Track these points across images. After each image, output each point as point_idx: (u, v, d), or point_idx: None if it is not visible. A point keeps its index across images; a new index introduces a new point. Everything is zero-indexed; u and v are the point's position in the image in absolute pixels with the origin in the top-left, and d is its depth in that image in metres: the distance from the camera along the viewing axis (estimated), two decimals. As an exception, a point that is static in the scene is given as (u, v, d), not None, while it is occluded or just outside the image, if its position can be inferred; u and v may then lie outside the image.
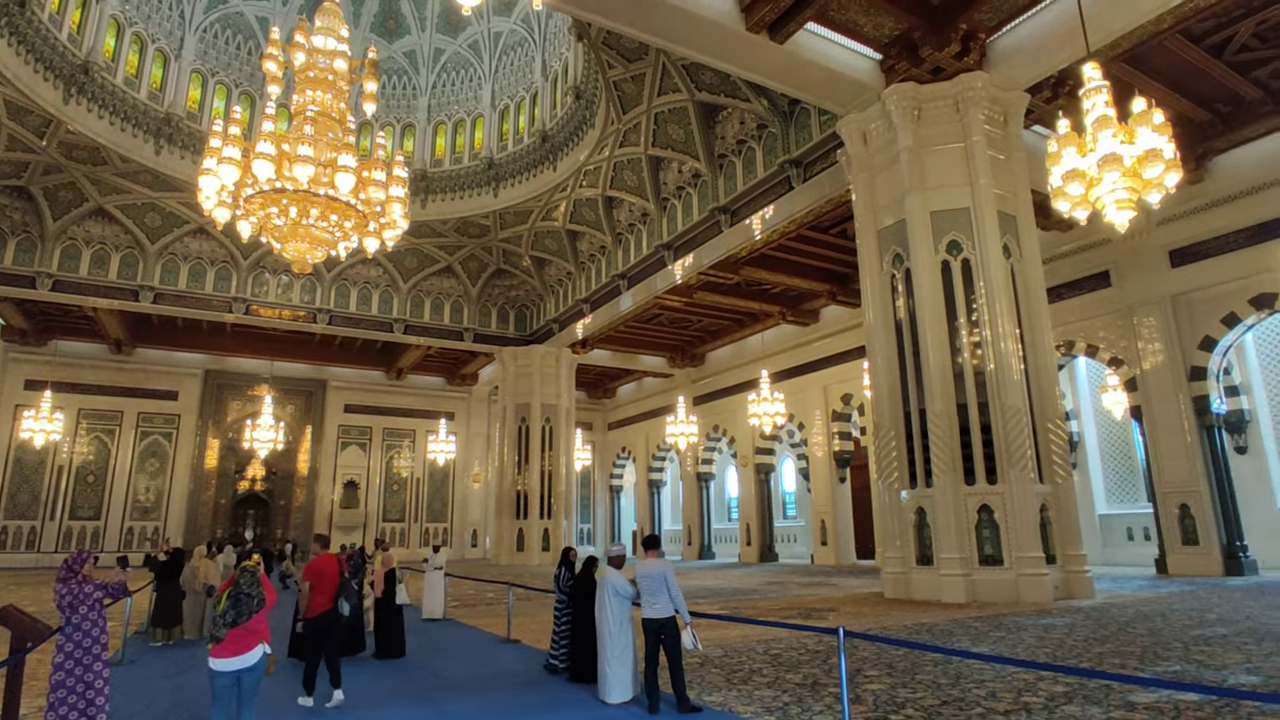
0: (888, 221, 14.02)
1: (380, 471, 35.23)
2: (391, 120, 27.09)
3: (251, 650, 4.58)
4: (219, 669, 4.50)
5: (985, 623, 9.51)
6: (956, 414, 12.56)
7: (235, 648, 4.54)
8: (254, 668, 4.59)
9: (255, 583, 4.71)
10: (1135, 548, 19.50)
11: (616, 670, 6.16)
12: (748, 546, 28.43)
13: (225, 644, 4.54)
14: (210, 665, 4.53)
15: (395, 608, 9.29)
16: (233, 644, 4.54)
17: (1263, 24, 13.53)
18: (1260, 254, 15.69)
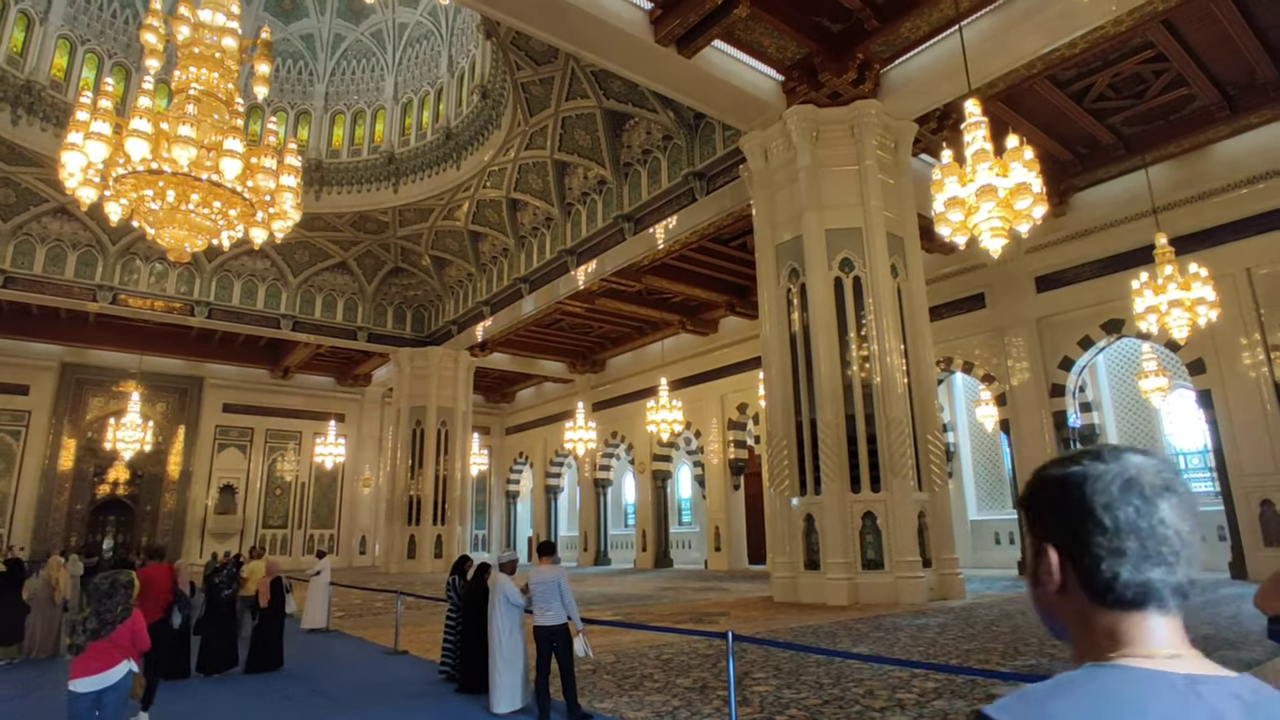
0: (785, 237, 14.51)
1: (262, 475, 33.27)
2: (285, 106, 25.78)
3: (115, 667, 4.13)
4: (77, 690, 4.03)
5: (866, 624, 9.97)
6: (845, 424, 13.12)
7: (96, 664, 4.07)
8: (116, 687, 4.12)
9: (119, 590, 4.29)
10: (1002, 551, 20.94)
11: (506, 679, 6.07)
12: (643, 552, 28.64)
13: (85, 659, 4.09)
14: (69, 686, 4.06)
15: (276, 618, 8.80)
16: (93, 660, 4.08)
17: (1117, 76, 14.93)
18: (1111, 283, 17.22)
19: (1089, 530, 0.81)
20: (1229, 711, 0.72)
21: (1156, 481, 0.82)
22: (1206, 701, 0.72)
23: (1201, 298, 13.24)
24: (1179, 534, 0.80)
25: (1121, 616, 0.81)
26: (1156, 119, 16.23)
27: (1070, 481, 0.84)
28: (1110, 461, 0.84)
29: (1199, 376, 16.26)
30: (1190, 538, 0.81)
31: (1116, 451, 0.86)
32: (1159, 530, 0.80)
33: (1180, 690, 0.74)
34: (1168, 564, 0.80)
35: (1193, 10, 12.71)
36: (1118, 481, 0.82)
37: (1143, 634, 0.80)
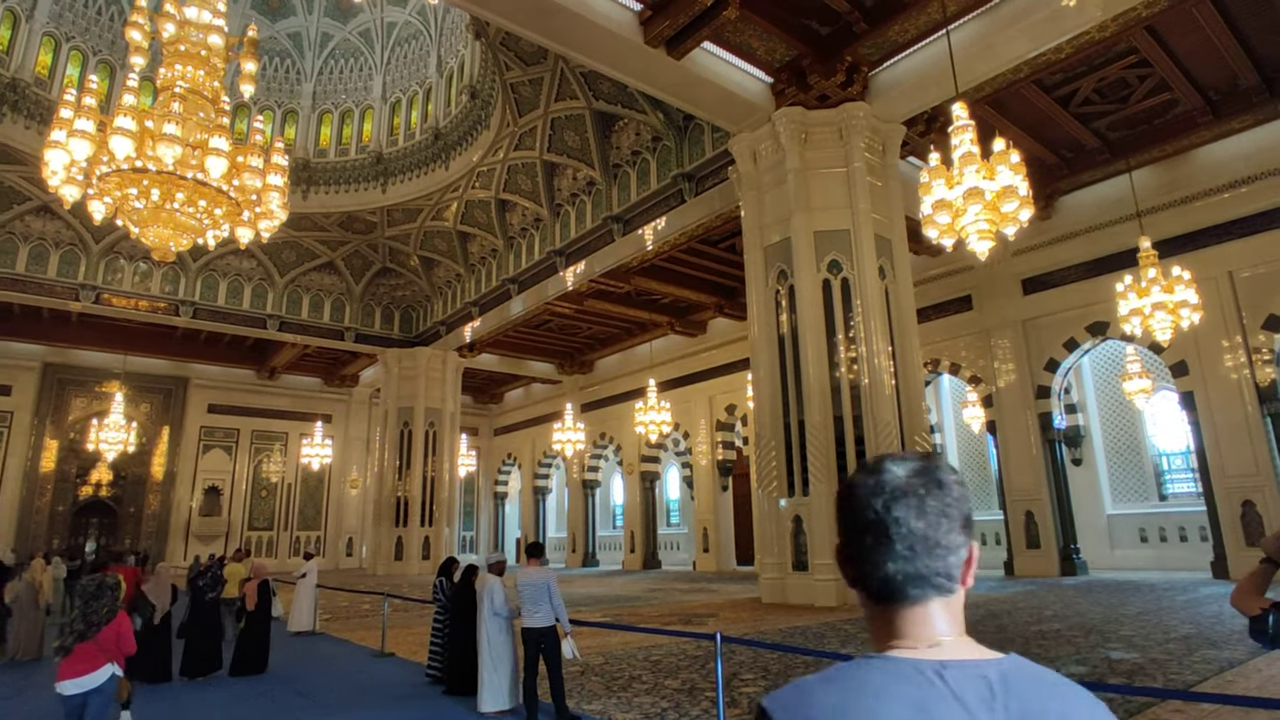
0: (774, 239, 14.55)
1: (247, 476, 33.01)
2: (272, 104, 25.62)
3: (98, 670, 4.15)
4: (63, 691, 4.10)
5: (854, 624, 10.00)
6: (833, 426, 13.17)
7: (82, 666, 4.12)
8: (101, 689, 4.14)
9: (106, 592, 4.30)
10: (988, 552, 21.05)
11: (493, 679, 6.05)
12: (631, 554, 28.63)
13: (71, 661, 4.13)
14: (56, 688, 4.14)
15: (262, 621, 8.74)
16: (79, 662, 4.12)
17: (1102, 81, 15.07)
18: (1096, 286, 17.38)
19: (852, 534, 0.93)
20: (970, 693, 0.82)
21: (900, 486, 0.92)
22: (948, 685, 0.83)
23: (1184, 300, 13.38)
24: (913, 531, 0.90)
25: (888, 610, 0.92)
26: (1141, 123, 16.39)
27: (844, 492, 0.96)
28: (870, 473, 0.95)
29: (1182, 378, 16.43)
30: (928, 532, 0.90)
31: (880, 462, 0.96)
32: (895, 530, 0.90)
33: (926, 676, 0.84)
34: (904, 558, 0.90)
35: (1176, 17, 12.85)
36: (867, 490, 0.93)
37: (907, 625, 0.90)
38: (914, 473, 0.93)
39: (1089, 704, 0.86)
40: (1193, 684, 5.95)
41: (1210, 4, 12.60)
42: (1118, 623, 9.47)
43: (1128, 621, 9.56)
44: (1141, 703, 5.40)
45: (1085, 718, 0.84)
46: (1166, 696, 5.37)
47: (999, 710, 0.81)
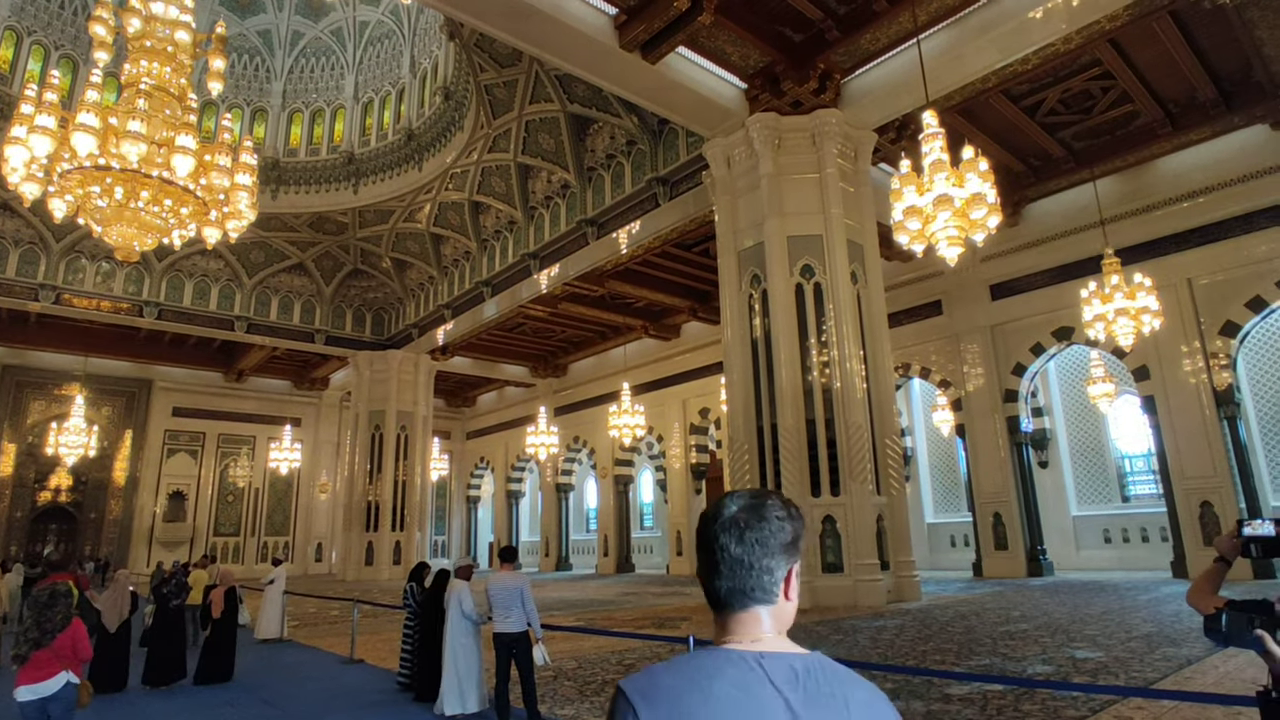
0: (747, 243, 14.64)
1: (213, 481, 32.39)
2: (240, 102, 25.22)
3: (54, 677, 4.18)
4: (20, 698, 4.13)
5: (826, 626, 10.07)
6: (805, 429, 13.26)
7: (38, 674, 4.16)
8: (57, 697, 4.17)
9: (59, 600, 4.31)
10: (957, 553, 21.37)
11: (454, 682, 6.01)
12: (605, 558, 28.57)
13: (28, 669, 4.16)
14: (14, 695, 4.16)
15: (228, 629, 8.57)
16: (35, 669, 4.16)
17: (1067, 92, 15.41)
18: (1062, 292, 17.73)
19: (699, 556, 1.18)
20: (779, 676, 1.06)
21: (727, 520, 1.16)
22: (765, 670, 1.07)
23: (1146, 307, 13.72)
24: (732, 556, 1.14)
25: (722, 615, 1.16)
26: (1104, 134, 16.78)
27: (699, 523, 1.20)
28: (714, 508, 1.19)
29: (1143, 383, 16.82)
30: (744, 557, 1.14)
31: (724, 498, 1.21)
32: (719, 554, 1.14)
33: (749, 663, 1.07)
34: (713, 575, 1.15)
35: (1138, 31, 13.18)
36: (707, 521, 1.18)
37: (736, 626, 1.14)
38: (742, 508, 1.17)
39: (869, 692, 1.11)
40: (1153, 681, 6.08)
41: (1169, 19, 12.94)
42: (1082, 622, 9.65)
43: (1092, 621, 9.75)
44: (1105, 700, 5.51)
45: (865, 700, 1.08)
46: (1128, 694, 5.49)
47: (799, 690, 1.05)
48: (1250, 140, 15.58)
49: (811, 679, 1.07)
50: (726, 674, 1.06)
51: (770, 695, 1.04)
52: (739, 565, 1.14)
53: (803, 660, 1.10)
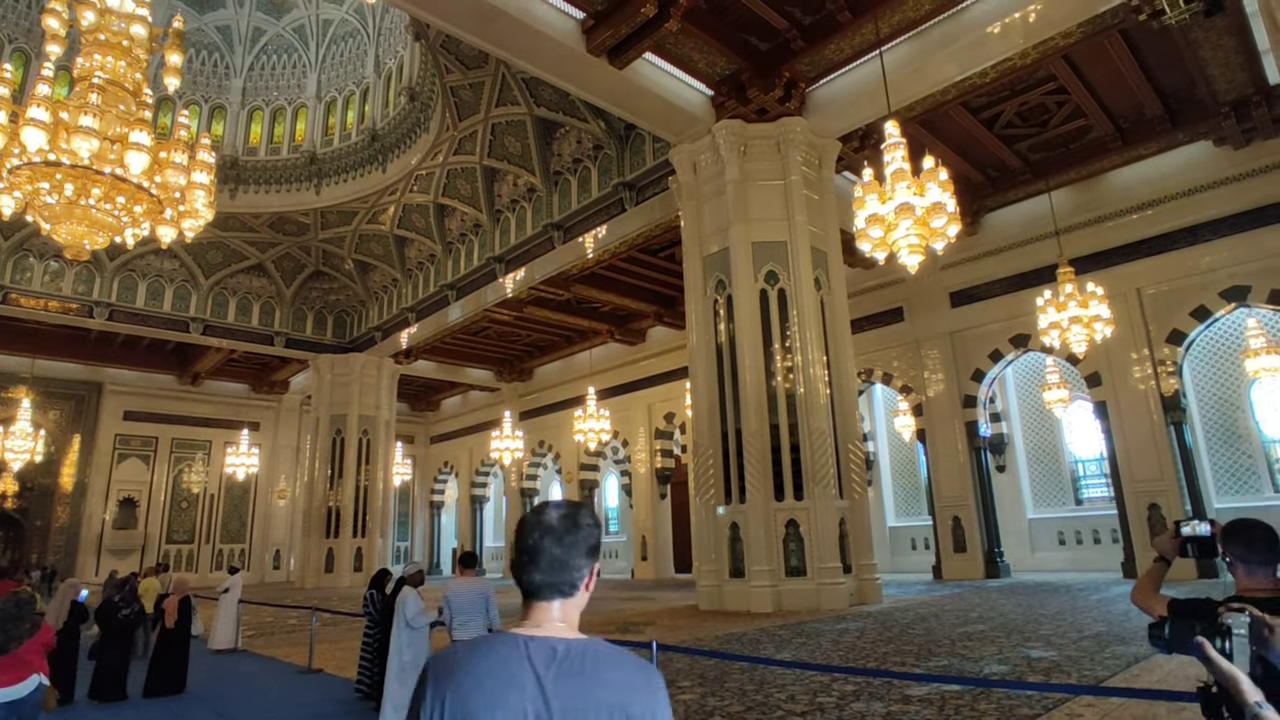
0: (713, 249, 14.73)
1: (166, 487, 31.49)
2: (198, 99, 24.65)
3: (24, 680, 4.25)
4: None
5: (789, 630, 10.15)
6: (769, 434, 13.37)
7: (5, 677, 4.21)
8: (27, 700, 4.23)
9: (25, 609, 4.34)
10: (918, 556, 21.71)
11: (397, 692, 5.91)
12: (570, 563, 28.39)
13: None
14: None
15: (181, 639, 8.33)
16: (5, 672, 4.23)
17: (1024, 105, 15.82)
18: (1019, 300, 18.16)
19: (518, 554, 1.39)
20: (538, 655, 1.29)
21: (549, 525, 1.39)
22: (527, 649, 1.30)
23: (1098, 315, 14.12)
24: (553, 555, 1.37)
25: (528, 603, 1.39)
26: (1058, 147, 17.25)
27: (518, 525, 1.42)
28: (535, 514, 1.42)
29: (1096, 389, 17.31)
30: (563, 557, 1.37)
31: (544, 506, 1.43)
32: (540, 553, 1.37)
33: (518, 643, 1.31)
34: (531, 570, 1.37)
35: (1090, 48, 13.60)
36: (530, 526, 1.40)
37: (535, 613, 1.38)
38: (561, 516, 1.40)
39: (629, 672, 1.31)
40: (1103, 679, 6.25)
41: (1120, 38, 13.37)
42: (1037, 622, 9.88)
43: (1046, 621, 9.98)
44: (1058, 699, 5.64)
45: (619, 679, 1.29)
46: (1079, 692, 5.63)
47: (554, 667, 1.27)
48: (1194, 156, 16.16)
49: (569, 658, 1.29)
50: (496, 653, 1.31)
51: (525, 670, 1.27)
52: (557, 564, 1.37)
53: (567, 643, 1.32)
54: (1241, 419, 16.88)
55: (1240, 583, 2.21)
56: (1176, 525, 2.40)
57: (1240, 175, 15.55)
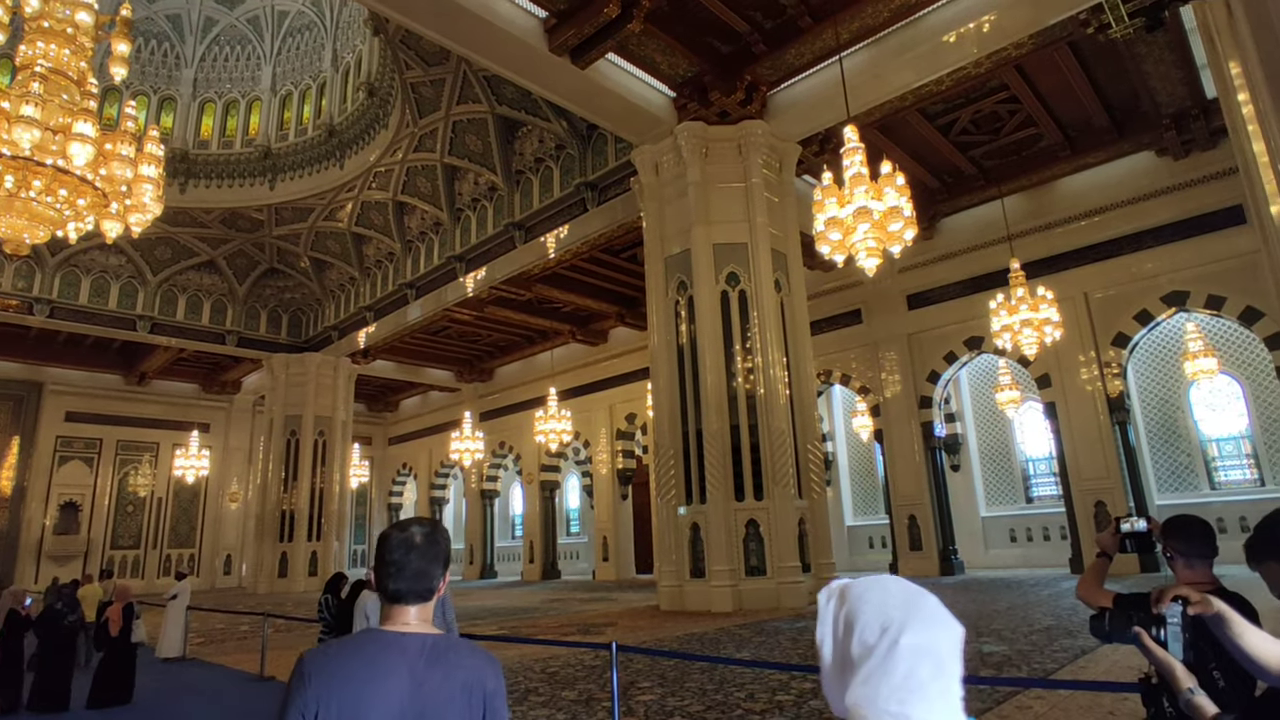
0: (674, 250, 14.78)
1: (111, 491, 30.42)
2: (147, 90, 23.90)
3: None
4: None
5: (749, 629, 10.23)
6: (730, 435, 13.46)
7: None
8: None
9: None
10: (875, 554, 22.08)
11: None
12: (531, 564, 28.27)
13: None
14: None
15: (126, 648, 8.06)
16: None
17: (978, 113, 16.21)
18: (973, 303, 18.60)
19: (380, 564, 1.61)
20: (412, 649, 1.53)
21: (405, 538, 1.61)
22: (402, 644, 1.54)
23: (1048, 318, 14.54)
24: (415, 567, 1.59)
25: (389, 607, 1.61)
26: (1011, 154, 17.71)
27: (381, 538, 1.64)
28: (398, 530, 1.64)
29: (1045, 390, 17.81)
30: (422, 568, 1.60)
31: (407, 524, 1.65)
32: (396, 563, 1.59)
33: (391, 639, 1.55)
34: (397, 579, 1.58)
35: (1041, 59, 14.00)
36: (395, 541, 1.62)
37: (397, 615, 1.59)
38: (423, 535, 1.63)
39: (481, 660, 1.60)
40: (1052, 672, 6.43)
41: (1069, 50, 13.79)
42: (989, 618, 10.12)
43: (998, 616, 10.23)
44: (1009, 691, 5.79)
45: (473, 664, 1.57)
46: (1030, 685, 5.78)
47: (423, 657, 1.52)
48: (1138, 165, 16.75)
49: (435, 650, 1.55)
50: (370, 647, 1.53)
51: (399, 660, 1.51)
52: (419, 573, 1.59)
53: (434, 638, 1.57)
54: (1181, 419, 17.55)
55: (1180, 575, 2.30)
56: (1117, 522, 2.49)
57: (1180, 185, 16.16)
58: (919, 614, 0.93)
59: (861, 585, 1.01)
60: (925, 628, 0.92)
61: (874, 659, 0.91)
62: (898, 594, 0.97)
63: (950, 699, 0.91)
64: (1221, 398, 17.33)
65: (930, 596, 0.97)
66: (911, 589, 0.98)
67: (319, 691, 1.46)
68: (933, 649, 0.91)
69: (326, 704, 1.45)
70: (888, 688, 0.89)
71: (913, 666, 0.89)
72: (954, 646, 0.93)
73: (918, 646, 0.90)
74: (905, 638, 0.91)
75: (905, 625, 0.92)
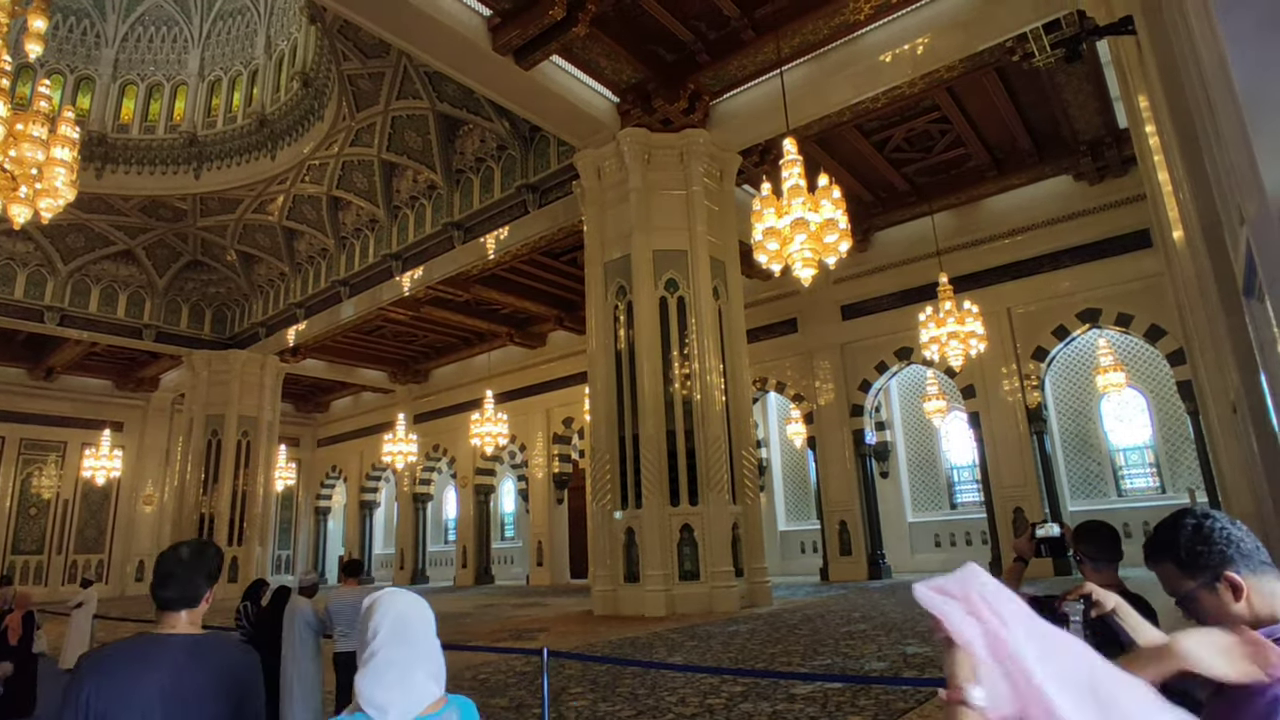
0: (615, 255, 14.80)
1: (12, 492, 28.55)
2: (63, 68, 22.61)
3: None
4: None
5: (681, 633, 10.29)
6: (666, 440, 13.54)
7: None
8: None
9: None
10: (806, 559, 22.50)
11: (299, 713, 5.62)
12: (464, 569, 27.80)
13: None
14: None
15: (26, 659, 7.56)
16: None
17: (911, 131, 16.76)
18: (903, 315, 19.18)
19: (155, 576, 1.93)
20: (177, 645, 1.85)
21: (176, 554, 1.97)
22: (168, 643, 1.85)
23: (973, 331, 15.12)
24: (178, 577, 1.92)
25: (161, 613, 1.90)
26: (941, 172, 18.37)
27: (160, 555, 1.99)
28: (171, 550, 1.99)
29: (970, 400, 18.51)
30: (188, 577, 1.92)
31: (177, 545, 2.00)
32: (167, 574, 1.92)
33: (160, 638, 1.86)
34: (168, 588, 1.91)
35: (970, 82, 14.58)
36: (167, 557, 1.96)
37: (166, 619, 1.90)
38: (188, 551, 1.96)
39: (239, 653, 1.99)
40: (971, 673, 6.65)
41: (996, 75, 14.40)
42: (914, 621, 10.42)
43: (922, 619, 10.55)
44: (929, 691, 5.98)
45: (233, 658, 1.92)
46: (949, 686, 5.97)
47: (187, 652, 1.84)
48: (1058, 189, 17.61)
49: (199, 647, 1.86)
50: (144, 645, 1.84)
51: (165, 655, 1.81)
52: (186, 583, 1.90)
53: (198, 637, 1.88)
54: (1092, 429, 18.50)
55: (1088, 578, 2.42)
56: (1032, 528, 2.61)
57: (1094, 208, 17.06)
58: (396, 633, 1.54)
59: (378, 597, 1.64)
60: (395, 645, 1.52)
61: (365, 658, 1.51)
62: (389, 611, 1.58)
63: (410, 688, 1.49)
64: (1128, 410, 18.34)
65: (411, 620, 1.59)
66: (400, 609, 1.60)
67: (93, 683, 1.74)
68: (398, 660, 1.50)
69: (97, 692, 1.73)
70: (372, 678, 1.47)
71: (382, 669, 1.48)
72: (416, 656, 1.54)
73: (389, 659, 1.50)
74: (381, 652, 1.50)
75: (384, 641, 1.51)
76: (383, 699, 1.44)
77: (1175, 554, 1.44)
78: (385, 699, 1.44)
